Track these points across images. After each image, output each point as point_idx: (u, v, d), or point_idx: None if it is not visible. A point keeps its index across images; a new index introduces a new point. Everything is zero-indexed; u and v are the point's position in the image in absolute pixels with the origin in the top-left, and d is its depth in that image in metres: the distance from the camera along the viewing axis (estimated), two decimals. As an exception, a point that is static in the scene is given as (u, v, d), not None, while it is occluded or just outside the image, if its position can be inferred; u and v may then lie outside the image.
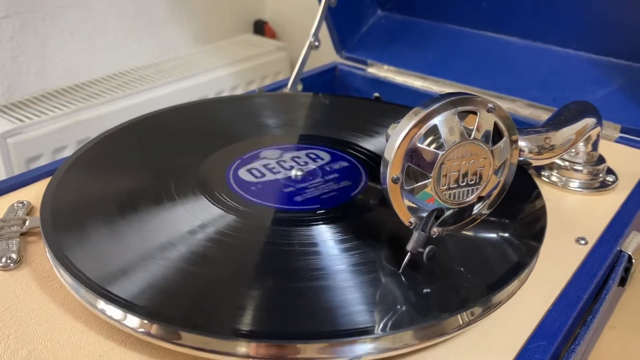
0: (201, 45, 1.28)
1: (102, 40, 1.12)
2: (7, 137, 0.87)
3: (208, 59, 1.19)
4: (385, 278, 0.32)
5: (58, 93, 1.00)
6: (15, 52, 1.00)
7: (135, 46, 1.18)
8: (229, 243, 0.35)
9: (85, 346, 0.31)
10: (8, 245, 0.37)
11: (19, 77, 1.02)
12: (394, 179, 0.30)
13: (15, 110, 0.93)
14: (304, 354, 0.29)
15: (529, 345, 0.32)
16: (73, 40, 1.07)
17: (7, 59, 1.00)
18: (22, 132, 0.88)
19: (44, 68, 1.05)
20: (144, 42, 1.19)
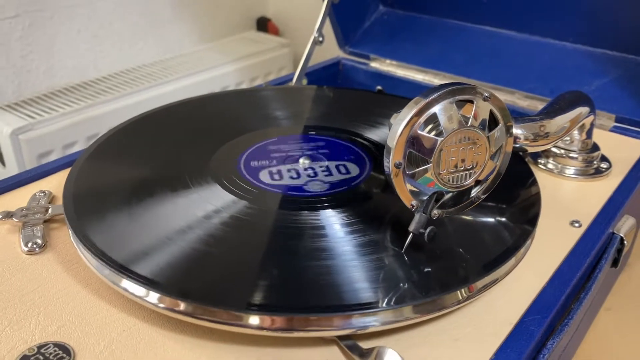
0: (206, 43, 1.30)
1: (109, 38, 1.14)
2: (18, 133, 0.89)
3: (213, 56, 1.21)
4: (389, 257, 0.34)
5: (67, 90, 1.02)
6: (24, 50, 1.02)
7: (141, 44, 1.20)
8: (241, 226, 0.37)
9: (109, 322, 0.33)
10: (33, 232, 0.39)
11: (28, 75, 1.04)
12: (397, 165, 0.32)
13: (25, 107, 0.95)
14: (312, 326, 0.31)
15: (525, 319, 0.34)
16: (80, 39, 1.09)
17: (17, 58, 1.02)
18: (33, 129, 0.91)
19: (52, 66, 1.07)
20: (149, 40, 1.21)
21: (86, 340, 0.32)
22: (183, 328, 0.33)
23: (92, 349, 0.31)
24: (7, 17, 0.98)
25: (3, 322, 0.33)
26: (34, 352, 0.31)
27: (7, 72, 1.01)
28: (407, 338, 0.33)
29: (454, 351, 0.32)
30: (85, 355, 0.31)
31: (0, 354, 0.30)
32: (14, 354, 0.30)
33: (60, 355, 0.31)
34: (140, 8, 1.17)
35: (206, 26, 1.30)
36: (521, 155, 0.48)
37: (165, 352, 0.31)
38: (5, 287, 0.35)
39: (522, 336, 0.33)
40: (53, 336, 0.32)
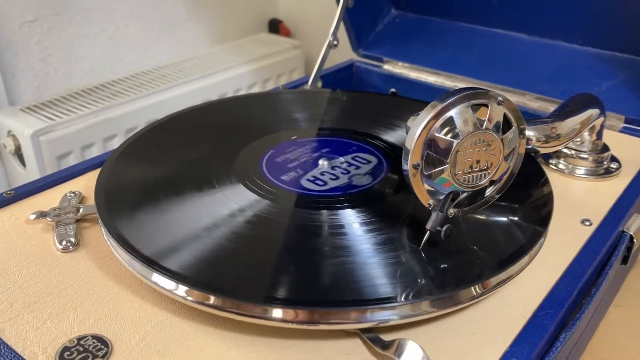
0: (219, 45, 1.32)
1: (125, 41, 1.16)
2: (39, 135, 0.91)
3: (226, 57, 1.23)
4: (407, 254, 0.36)
5: (84, 92, 1.05)
6: (43, 54, 1.04)
7: (156, 46, 1.22)
8: (264, 224, 0.39)
9: (143, 316, 0.35)
10: (66, 230, 0.41)
11: (47, 77, 1.06)
12: (415, 165, 0.34)
13: (44, 109, 0.97)
14: (335, 319, 0.32)
15: (538, 313, 0.35)
16: (97, 42, 1.12)
17: (36, 61, 1.04)
18: (52, 131, 0.93)
19: (70, 68, 1.09)
20: (164, 43, 1.23)
21: (122, 333, 0.33)
22: (212, 321, 0.34)
23: (128, 341, 0.33)
24: (26, 21, 1.01)
25: (44, 316, 0.34)
26: (74, 343, 0.33)
27: (27, 74, 1.03)
28: (426, 331, 0.34)
29: (471, 344, 0.34)
30: (122, 347, 0.32)
31: (43, 345, 0.32)
32: (55, 346, 0.32)
33: (99, 347, 0.32)
34: (156, 11, 1.19)
35: (219, 28, 1.32)
36: (533, 156, 0.49)
37: (197, 343, 0.33)
38: (44, 283, 0.37)
39: (536, 330, 0.34)
40: (91, 329, 0.34)
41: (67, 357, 0.32)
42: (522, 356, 0.32)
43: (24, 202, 0.45)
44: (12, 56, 1.00)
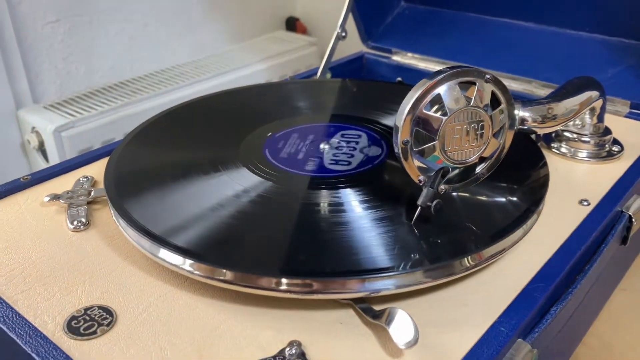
0: (236, 43, 1.34)
1: (144, 40, 1.19)
2: (61, 131, 0.94)
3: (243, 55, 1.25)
4: (401, 229, 0.37)
5: (105, 90, 1.07)
6: (65, 53, 1.08)
7: (174, 45, 1.25)
8: (268, 204, 0.40)
9: (147, 289, 0.36)
10: (78, 212, 0.43)
11: (69, 76, 1.09)
12: (404, 142, 0.35)
13: (67, 106, 1.00)
14: (332, 289, 0.34)
15: (529, 286, 0.36)
16: (117, 41, 1.14)
17: (58, 60, 1.07)
18: (74, 127, 0.96)
19: (91, 67, 1.12)
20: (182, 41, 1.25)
21: (126, 304, 0.35)
22: (212, 293, 0.36)
23: (132, 311, 0.35)
24: (49, 22, 1.04)
25: (54, 289, 0.36)
26: (81, 313, 0.34)
27: (50, 74, 1.06)
28: (418, 302, 0.35)
29: (462, 314, 0.34)
30: (126, 317, 0.34)
31: (52, 314, 0.34)
32: (64, 315, 0.34)
33: (104, 316, 0.34)
34: (174, 11, 1.21)
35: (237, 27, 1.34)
36: (534, 139, 0.50)
37: (197, 313, 0.35)
38: (55, 260, 0.39)
39: (526, 301, 0.35)
40: (97, 300, 0.35)
41: (75, 325, 0.33)
42: (511, 326, 0.33)
43: (40, 186, 0.47)
44: (36, 56, 1.04)
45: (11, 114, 1.00)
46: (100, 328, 0.33)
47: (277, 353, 0.32)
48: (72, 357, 0.31)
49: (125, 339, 0.33)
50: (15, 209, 0.44)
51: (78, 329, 0.33)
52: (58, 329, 0.33)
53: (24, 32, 1.02)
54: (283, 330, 0.33)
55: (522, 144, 0.48)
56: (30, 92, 1.04)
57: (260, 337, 0.33)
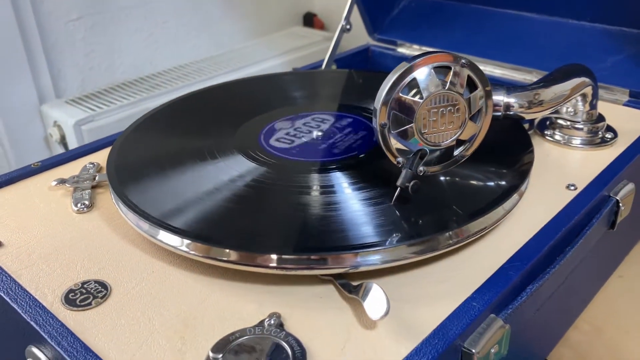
0: (254, 39, 1.36)
1: (163, 36, 1.22)
2: (81, 124, 0.97)
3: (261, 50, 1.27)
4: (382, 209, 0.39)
5: (125, 85, 1.11)
6: (86, 49, 1.11)
7: (193, 41, 1.27)
8: (262, 187, 0.42)
9: (141, 266, 0.39)
10: (82, 195, 0.46)
11: (90, 72, 1.13)
12: (382, 125, 0.36)
13: (87, 101, 1.03)
14: (322, 265, 0.35)
15: (505, 265, 0.37)
16: (137, 38, 1.18)
17: (80, 57, 1.11)
18: (94, 120, 0.99)
19: (112, 63, 1.16)
20: (201, 38, 1.28)
21: (121, 279, 0.37)
22: (201, 269, 0.38)
23: (126, 285, 0.37)
24: (71, 19, 1.08)
25: (55, 265, 0.39)
26: (79, 286, 0.37)
27: (72, 70, 1.10)
28: (396, 279, 0.37)
29: (437, 291, 0.36)
30: (119, 290, 0.36)
31: (52, 288, 0.37)
32: (62, 288, 0.37)
33: (99, 289, 0.37)
34: (193, 7, 1.24)
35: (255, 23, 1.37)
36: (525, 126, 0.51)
37: (186, 288, 0.37)
38: (58, 238, 0.42)
39: (500, 279, 0.36)
40: (94, 275, 0.38)
41: (71, 297, 0.36)
42: (483, 302, 0.34)
43: (49, 172, 0.50)
44: (59, 52, 1.07)
45: (35, 109, 1.04)
46: (95, 300, 0.36)
47: (256, 324, 0.33)
48: (67, 325, 0.34)
49: (117, 310, 0.35)
50: (25, 193, 0.47)
51: (74, 300, 0.36)
52: (56, 301, 0.36)
53: (47, 29, 1.05)
54: (265, 303, 0.35)
55: (511, 130, 0.49)
56: (53, 87, 1.07)
57: (243, 310, 0.35)
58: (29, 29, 1.02)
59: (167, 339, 0.33)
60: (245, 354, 0.31)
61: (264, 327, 0.33)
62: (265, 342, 0.32)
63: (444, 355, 0.31)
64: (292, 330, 0.33)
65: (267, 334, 0.32)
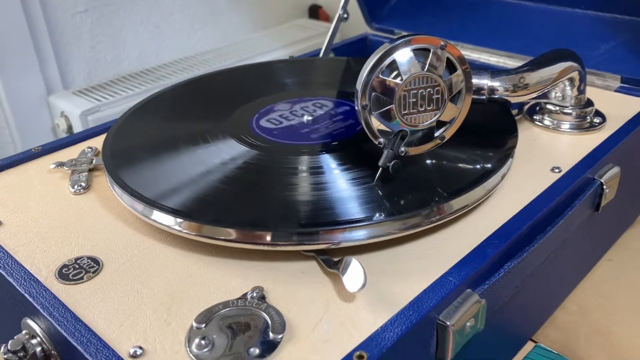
0: (259, 31, 1.37)
1: (169, 28, 1.23)
2: (87, 114, 0.99)
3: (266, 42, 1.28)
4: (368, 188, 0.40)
5: (131, 77, 1.12)
6: (93, 41, 1.13)
7: (199, 33, 1.29)
8: (253, 169, 0.43)
9: (132, 243, 0.40)
10: (79, 177, 0.47)
11: (97, 63, 1.15)
12: (363, 106, 0.37)
13: (94, 92, 1.05)
14: (304, 241, 0.37)
15: (484, 243, 0.38)
16: (143, 30, 1.19)
17: (87, 49, 1.13)
18: (99, 111, 1.01)
19: (118, 55, 1.17)
20: (206, 30, 1.30)
21: (113, 255, 0.39)
22: (190, 246, 0.39)
23: (117, 261, 0.38)
24: (78, 12, 1.09)
25: (50, 242, 0.40)
26: (72, 262, 0.38)
27: (79, 61, 1.12)
28: (377, 256, 0.38)
29: (416, 267, 0.37)
30: (110, 265, 0.38)
31: (47, 263, 0.38)
32: (57, 264, 0.38)
33: (92, 264, 0.38)
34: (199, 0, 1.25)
35: (260, 15, 1.38)
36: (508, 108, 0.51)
37: (174, 264, 0.38)
38: (54, 218, 0.43)
39: (477, 256, 0.37)
40: (87, 252, 0.39)
41: (65, 272, 0.37)
42: (460, 277, 0.35)
43: (50, 156, 0.52)
44: (66, 44, 1.09)
45: (42, 100, 1.06)
46: (87, 275, 0.37)
47: (240, 296, 0.35)
48: (60, 298, 0.35)
49: (108, 284, 0.36)
50: (25, 176, 0.49)
51: (67, 275, 0.37)
52: (50, 275, 0.37)
53: (54, 22, 1.07)
54: (250, 278, 0.37)
55: (497, 114, 0.50)
56: (60, 78, 1.09)
57: (228, 284, 0.36)
58: (37, 21, 1.04)
59: (153, 310, 0.34)
60: (227, 324, 0.32)
61: (246, 299, 0.34)
62: (247, 313, 0.33)
63: (418, 326, 0.32)
64: (273, 303, 0.34)
65: (249, 306, 0.34)
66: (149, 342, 0.32)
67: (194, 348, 0.31)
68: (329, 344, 0.32)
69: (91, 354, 0.31)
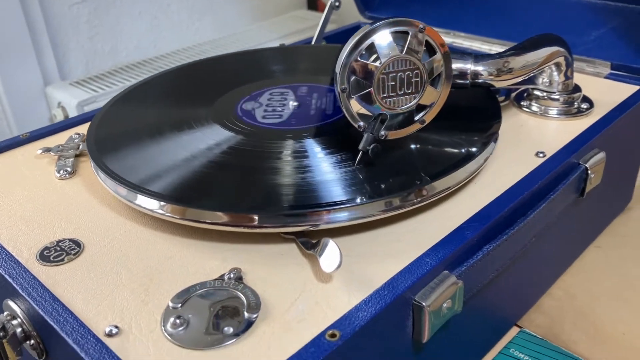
0: (258, 22, 1.37)
1: (167, 19, 1.23)
2: (84, 105, 1.00)
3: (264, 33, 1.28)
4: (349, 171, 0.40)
5: (129, 68, 1.13)
6: (91, 32, 1.13)
7: (197, 24, 1.29)
8: (238, 155, 0.44)
9: (114, 226, 0.40)
10: (65, 162, 0.48)
11: (95, 55, 1.15)
12: (342, 89, 0.37)
13: (91, 83, 1.06)
14: (287, 222, 0.37)
15: (463, 225, 0.38)
16: (141, 21, 1.19)
17: (84, 40, 1.13)
18: (96, 101, 1.01)
19: (116, 46, 1.18)
20: (204, 21, 1.30)
21: (94, 238, 0.39)
22: (172, 230, 0.40)
23: (98, 244, 0.39)
24: (75, 2, 1.09)
25: (34, 225, 0.41)
26: (54, 244, 0.39)
27: (76, 52, 1.12)
28: (357, 238, 0.38)
29: (394, 249, 0.37)
30: (92, 248, 0.38)
31: (29, 246, 0.39)
32: (39, 246, 0.38)
33: (73, 247, 0.38)
34: (196, -10, 1.25)
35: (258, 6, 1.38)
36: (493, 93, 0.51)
37: (155, 246, 0.38)
38: (39, 202, 0.43)
39: (456, 238, 0.37)
40: (70, 235, 0.40)
41: (46, 254, 0.38)
42: (437, 258, 0.35)
43: (37, 142, 0.52)
44: (63, 36, 1.10)
45: (40, 91, 1.06)
46: (68, 257, 0.37)
47: (217, 277, 0.35)
48: (39, 279, 0.35)
49: (88, 266, 0.37)
50: (12, 161, 0.49)
51: (48, 257, 0.37)
52: (31, 257, 0.38)
53: (52, 13, 1.07)
54: (228, 260, 0.37)
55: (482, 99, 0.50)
56: (58, 70, 1.10)
57: (207, 266, 0.36)
58: (34, 13, 1.04)
59: (131, 291, 0.35)
60: (203, 304, 0.33)
61: (223, 280, 0.35)
62: (223, 293, 0.34)
63: (392, 306, 0.33)
64: (251, 284, 0.35)
65: (226, 287, 0.34)
66: (125, 321, 0.32)
67: (169, 327, 0.32)
68: (303, 323, 0.32)
69: (67, 333, 0.31)
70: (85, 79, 1.08)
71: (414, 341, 0.36)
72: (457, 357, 0.42)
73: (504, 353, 0.45)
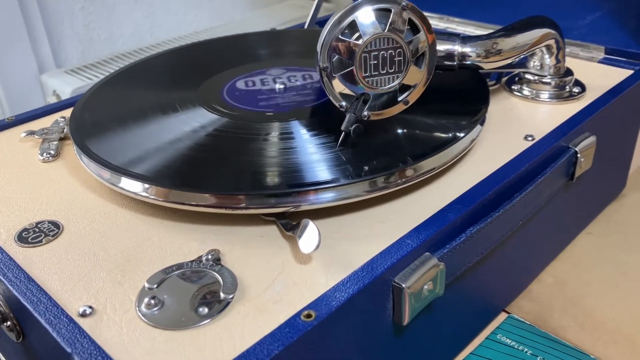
0: (256, 10, 1.36)
1: (163, 7, 1.22)
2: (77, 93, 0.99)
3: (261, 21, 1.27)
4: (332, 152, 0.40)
5: (124, 56, 1.12)
6: (86, 20, 1.12)
7: (194, 12, 1.28)
8: (223, 137, 0.43)
9: (94, 207, 0.40)
10: (49, 145, 0.47)
11: (90, 42, 1.14)
12: (323, 68, 0.37)
13: (87, 71, 1.05)
14: (268, 203, 0.36)
15: (446, 207, 0.38)
16: (137, 8, 1.19)
17: (80, 27, 1.12)
18: (91, 89, 1.00)
19: (112, 34, 1.17)
20: (201, 8, 1.29)
21: (74, 219, 0.39)
22: (150, 211, 0.39)
23: (77, 225, 0.38)
24: (70, -11, 1.08)
25: (14, 207, 0.40)
26: (33, 226, 0.38)
27: (72, 40, 1.12)
28: (339, 220, 0.38)
29: (376, 230, 0.36)
30: (71, 229, 0.38)
31: (7, 227, 0.38)
32: (17, 228, 0.38)
33: (52, 228, 0.38)
34: (193, -22, 1.24)
35: (257, -6, 1.36)
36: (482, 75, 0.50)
37: (135, 228, 0.38)
38: (21, 184, 0.43)
39: (438, 220, 0.37)
40: (49, 217, 0.39)
41: (25, 236, 0.37)
42: (418, 240, 0.35)
43: (22, 126, 0.52)
44: (58, 23, 1.09)
45: (35, 78, 1.06)
46: (46, 238, 0.37)
47: (195, 259, 0.34)
48: (16, 260, 0.35)
49: (66, 247, 0.36)
50: (-4, 144, 0.49)
51: (27, 238, 0.37)
52: (9, 239, 0.37)
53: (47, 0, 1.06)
54: (207, 241, 0.36)
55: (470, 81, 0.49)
56: (53, 57, 1.09)
57: (185, 247, 0.36)
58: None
59: (108, 272, 0.34)
60: (180, 285, 0.32)
61: (201, 261, 0.34)
62: (200, 274, 0.33)
63: (371, 287, 0.32)
64: (229, 265, 0.34)
65: (203, 268, 0.34)
66: (100, 302, 0.32)
67: (144, 307, 0.31)
68: (279, 303, 0.31)
69: (40, 313, 0.31)
70: (80, 67, 1.07)
71: (394, 324, 0.35)
72: (441, 341, 0.42)
73: (490, 339, 0.45)
